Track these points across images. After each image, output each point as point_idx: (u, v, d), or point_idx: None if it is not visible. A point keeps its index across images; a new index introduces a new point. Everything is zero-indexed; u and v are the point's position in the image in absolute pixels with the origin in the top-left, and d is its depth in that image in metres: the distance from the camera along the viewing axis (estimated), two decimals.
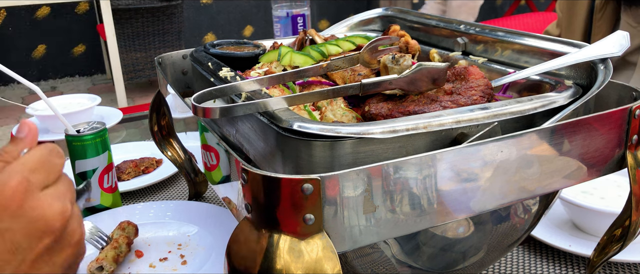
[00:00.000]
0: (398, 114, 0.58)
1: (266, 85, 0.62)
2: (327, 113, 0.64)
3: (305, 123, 0.50)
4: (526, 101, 0.57)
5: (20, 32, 4.36)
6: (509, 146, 0.52)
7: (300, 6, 1.46)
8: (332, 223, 0.47)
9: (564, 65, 0.65)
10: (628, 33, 0.65)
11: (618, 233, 0.67)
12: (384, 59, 0.66)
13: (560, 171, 0.56)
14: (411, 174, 0.49)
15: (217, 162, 0.98)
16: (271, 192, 0.46)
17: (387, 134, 0.50)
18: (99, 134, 0.99)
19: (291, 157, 0.51)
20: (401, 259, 0.63)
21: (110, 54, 3.30)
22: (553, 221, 0.91)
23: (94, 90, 4.33)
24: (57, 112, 0.98)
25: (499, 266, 0.84)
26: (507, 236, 0.68)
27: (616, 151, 0.59)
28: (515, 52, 0.75)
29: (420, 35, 0.91)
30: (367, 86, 0.58)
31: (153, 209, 1.03)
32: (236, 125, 0.64)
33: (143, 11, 3.82)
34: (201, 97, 0.55)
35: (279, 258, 0.47)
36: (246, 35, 4.87)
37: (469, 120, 0.53)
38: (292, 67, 0.80)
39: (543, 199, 0.66)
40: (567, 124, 0.55)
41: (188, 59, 0.92)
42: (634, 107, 0.58)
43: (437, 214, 0.51)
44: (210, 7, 4.73)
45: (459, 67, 0.66)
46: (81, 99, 1.60)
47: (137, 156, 1.27)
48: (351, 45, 0.86)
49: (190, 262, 0.88)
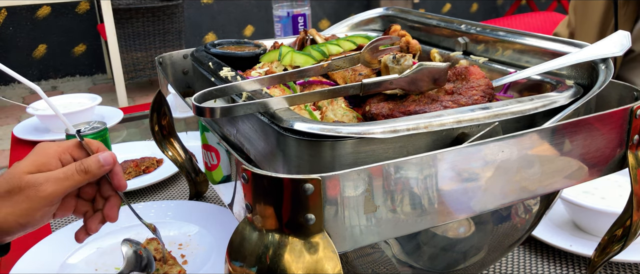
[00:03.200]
0: (399, 114, 0.58)
1: (267, 85, 0.62)
2: (327, 113, 0.64)
3: (306, 123, 0.50)
4: (527, 100, 0.57)
5: (20, 32, 4.36)
6: (510, 146, 0.52)
7: (301, 6, 1.46)
8: (333, 223, 0.47)
9: (564, 65, 0.65)
10: (629, 33, 0.65)
11: (619, 233, 0.67)
12: (384, 59, 0.66)
13: (561, 171, 0.56)
14: (412, 174, 0.49)
15: (217, 162, 0.98)
16: (272, 192, 0.46)
17: (388, 134, 0.50)
18: (99, 133, 0.99)
19: (292, 157, 0.51)
20: (402, 259, 0.63)
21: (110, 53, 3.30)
22: (554, 221, 0.90)
23: (94, 90, 4.33)
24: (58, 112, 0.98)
25: (500, 266, 0.84)
26: (508, 236, 0.68)
27: (617, 151, 0.59)
28: (516, 52, 0.75)
29: (421, 35, 0.91)
30: (368, 85, 0.58)
31: (154, 209, 1.03)
32: (237, 125, 0.64)
33: (144, 11, 3.82)
34: (202, 97, 0.55)
35: (279, 258, 0.47)
36: (247, 35, 4.87)
37: (470, 120, 0.53)
38: (293, 67, 0.80)
39: (544, 199, 0.66)
40: (568, 124, 0.55)
41: (189, 58, 0.92)
42: (635, 107, 0.58)
43: (438, 214, 0.51)
44: (210, 7, 4.73)
45: (459, 67, 0.66)
46: (82, 98, 1.60)
47: (138, 155, 1.27)
48: (352, 45, 0.86)
49: (191, 262, 0.88)
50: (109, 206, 0.73)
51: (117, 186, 0.72)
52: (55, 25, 4.45)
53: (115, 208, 0.73)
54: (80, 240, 0.73)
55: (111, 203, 0.73)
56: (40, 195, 0.65)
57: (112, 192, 0.73)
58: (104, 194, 0.73)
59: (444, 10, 5.45)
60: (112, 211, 0.73)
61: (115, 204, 0.73)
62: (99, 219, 0.73)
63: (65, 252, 0.91)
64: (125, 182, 0.73)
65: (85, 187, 0.73)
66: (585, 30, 1.47)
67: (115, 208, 0.73)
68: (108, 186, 0.73)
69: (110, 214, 0.73)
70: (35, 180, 0.65)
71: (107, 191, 0.73)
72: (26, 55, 4.43)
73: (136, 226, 0.94)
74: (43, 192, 0.65)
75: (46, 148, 0.69)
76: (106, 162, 0.69)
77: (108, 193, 0.73)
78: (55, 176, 0.66)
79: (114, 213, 0.73)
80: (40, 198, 0.65)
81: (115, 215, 0.73)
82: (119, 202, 0.73)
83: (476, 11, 5.57)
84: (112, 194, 0.73)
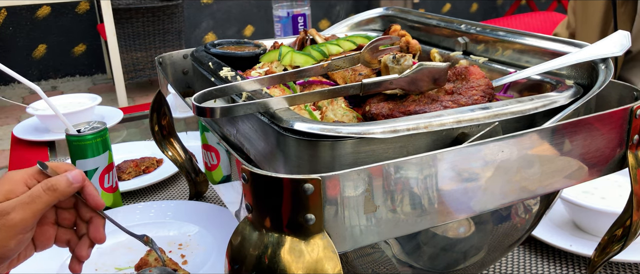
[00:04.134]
0: (399, 114, 0.58)
1: (267, 85, 0.62)
2: (327, 113, 0.64)
3: (306, 123, 0.50)
4: (527, 100, 0.57)
5: (20, 32, 4.36)
6: (510, 146, 0.52)
7: (301, 6, 1.46)
8: (333, 223, 0.47)
9: (564, 65, 0.65)
10: (629, 33, 0.65)
11: (619, 233, 0.67)
12: (384, 59, 0.66)
13: (561, 171, 0.56)
14: (412, 174, 0.49)
15: (217, 162, 0.98)
16: (272, 192, 0.46)
17: (388, 134, 0.50)
18: (99, 133, 0.99)
19: (292, 157, 0.51)
20: (402, 259, 0.63)
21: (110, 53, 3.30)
22: (554, 221, 0.90)
23: (94, 89, 4.33)
24: (58, 112, 0.99)
25: (500, 266, 0.84)
26: (508, 236, 0.68)
27: (617, 151, 0.59)
28: (516, 52, 0.75)
29: (421, 35, 0.91)
30: (368, 85, 0.58)
31: (154, 209, 1.03)
32: (237, 125, 0.64)
33: (143, 11, 3.82)
34: (202, 97, 0.55)
35: (279, 258, 0.47)
36: (247, 35, 4.87)
37: (470, 120, 0.53)
38: (293, 67, 0.80)
39: (544, 199, 0.66)
40: (568, 124, 0.55)
41: (188, 58, 0.92)
42: (635, 107, 0.58)
43: (438, 214, 0.51)
44: (210, 7, 4.73)
45: (459, 67, 0.66)
46: (82, 98, 1.60)
47: (138, 155, 1.27)
48: (352, 45, 0.86)
49: (191, 262, 0.88)
50: (94, 229, 0.70)
51: (94, 205, 0.69)
52: (55, 25, 4.45)
53: (100, 229, 0.70)
54: (77, 271, 0.71)
55: (95, 225, 0.70)
56: (10, 223, 0.62)
57: (92, 213, 0.70)
58: (84, 217, 0.71)
59: (444, 10, 5.45)
60: (98, 232, 0.70)
61: (99, 224, 0.70)
62: (87, 245, 0.70)
63: (65, 252, 0.90)
64: (101, 201, 0.70)
65: (63, 213, 0.70)
66: (586, 32, 1.46)
67: (100, 228, 0.70)
68: (86, 207, 0.70)
69: (96, 236, 0.70)
70: (2, 209, 0.62)
71: (87, 213, 0.71)
72: (26, 55, 4.43)
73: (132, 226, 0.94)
74: (12, 220, 0.62)
75: (12, 176, 0.66)
76: (75, 180, 0.67)
77: (88, 215, 0.71)
78: (22, 200, 0.63)
79: (100, 234, 0.70)
80: (9, 227, 0.62)
81: (102, 236, 0.71)
82: (102, 221, 0.71)
83: (476, 11, 5.57)
84: (93, 215, 0.70)
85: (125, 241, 0.93)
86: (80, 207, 0.70)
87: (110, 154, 1.03)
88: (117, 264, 0.88)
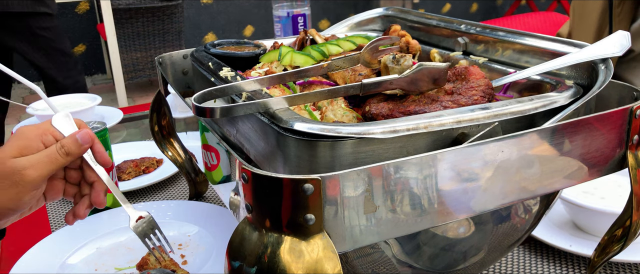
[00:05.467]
0: (399, 114, 0.58)
1: (267, 85, 0.62)
2: (327, 113, 0.64)
3: (305, 123, 0.50)
4: (527, 100, 0.57)
5: None
6: (510, 146, 0.52)
7: (301, 6, 1.46)
8: (333, 223, 0.47)
9: (564, 65, 0.65)
10: (629, 33, 0.65)
11: (619, 233, 0.67)
12: (384, 59, 0.66)
13: (561, 171, 0.56)
14: (412, 174, 0.49)
15: (217, 162, 0.98)
16: (272, 193, 0.46)
17: (388, 134, 0.50)
18: (99, 134, 0.99)
19: (292, 157, 0.51)
20: (402, 259, 0.63)
21: (110, 53, 3.30)
22: (554, 221, 0.91)
23: (94, 90, 4.33)
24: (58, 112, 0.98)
25: (500, 266, 0.84)
26: (507, 236, 0.68)
27: (617, 151, 0.59)
28: (515, 52, 0.75)
29: (420, 35, 0.91)
30: (368, 85, 0.58)
31: (153, 209, 1.03)
32: (237, 125, 0.64)
33: (143, 11, 3.82)
34: (202, 97, 0.55)
35: (279, 258, 0.47)
36: (247, 35, 4.87)
37: (470, 120, 0.53)
38: (293, 67, 0.80)
39: (544, 199, 0.66)
40: (568, 124, 0.55)
41: (188, 58, 0.92)
42: (635, 107, 0.58)
43: (437, 214, 0.51)
44: (210, 7, 4.73)
45: (459, 67, 0.66)
46: (81, 98, 1.60)
47: (138, 155, 1.27)
48: (352, 45, 0.86)
49: (191, 262, 0.88)
50: (95, 192, 0.74)
51: (102, 162, 0.73)
52: None
53: (101, 193, 0.74)
54: (71, 222, 0.74)
55: (96, 189, 0.74)
56: (26, 180, 0.66)
57: (95, 177, 0.74)
58: (88, 179, 0.75)
59: (444, 10, 5.45)
60: (98, 196, 0.74)
61: (100, 189, 0.74)
62: (86, 205, 0.74)
63: (65, 252, 0.91)
64: (109, 159, 0.74)
65: (70, 171, 0.74)
66: (582, 31, 1.47)
67: (100, 193, 0.74)
68: (90, 171, 0.74)
69: (96, 199, 0.74)
70: (19, 165, 0.66)
71: (91, 176, 0.74)
72: None
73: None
74: (28, 176, 0.66)
75: (27, 131, 0.69)
76: (84, 141, 0.71)
77: (92, 178, 0.74)
78: (38, 159, 0.67)
79: (100, 198, 0.74)
80: (25, 183, 0.66)
81: (102, 200, 0.74)
82: (104, 187, 0.74)
83: (476, 11, 5.57)
84: (96, 180, 0.74)
85: (125, 241, 0.94)
86: (86, 168, 0.74)
87: (110, 154, 1.03)
88: (117, 264, 0.88)
